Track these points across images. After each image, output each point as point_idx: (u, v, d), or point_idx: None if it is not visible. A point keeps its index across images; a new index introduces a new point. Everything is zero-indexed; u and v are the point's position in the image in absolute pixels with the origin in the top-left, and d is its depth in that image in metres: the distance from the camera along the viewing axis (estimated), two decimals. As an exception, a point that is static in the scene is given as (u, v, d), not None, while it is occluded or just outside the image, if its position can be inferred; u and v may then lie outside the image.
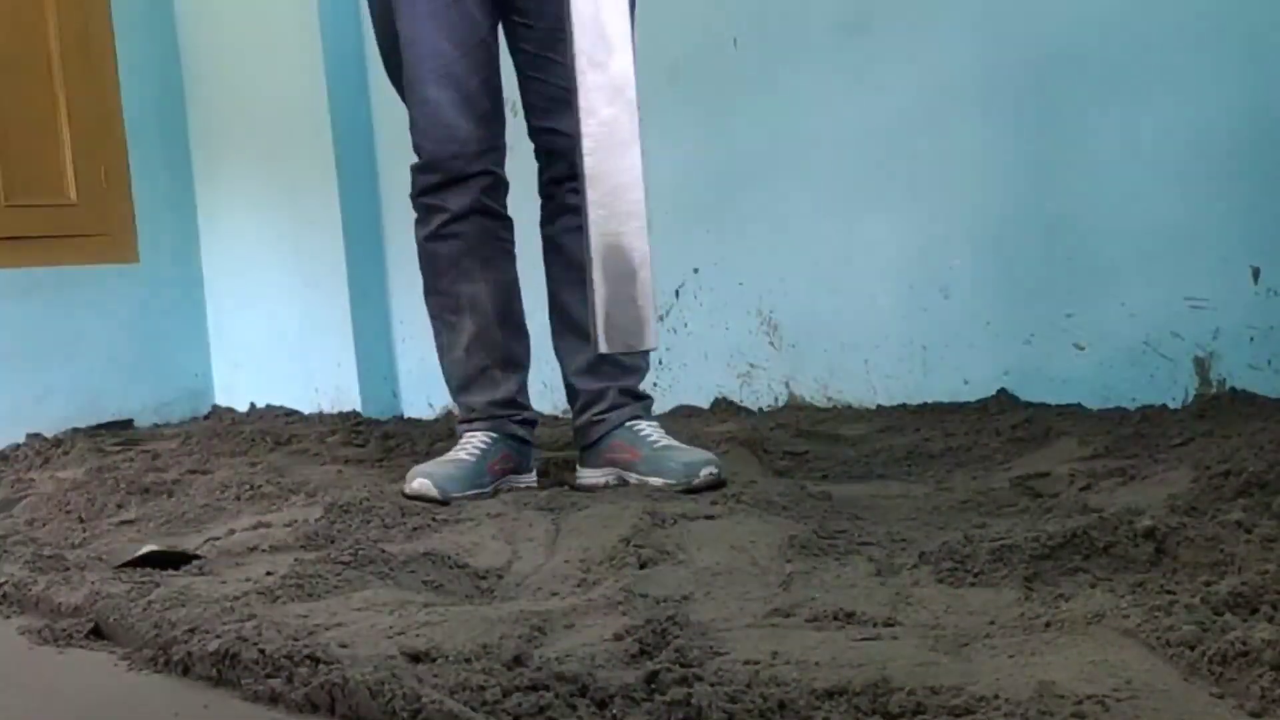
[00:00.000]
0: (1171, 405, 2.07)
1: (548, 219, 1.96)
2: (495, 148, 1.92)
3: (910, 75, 2.36)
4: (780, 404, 2.61)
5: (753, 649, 1.03)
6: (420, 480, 1.82)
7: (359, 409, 3.19)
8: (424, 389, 3.24)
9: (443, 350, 2.00)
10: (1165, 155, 2.09)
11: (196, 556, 1.52)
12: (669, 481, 1.78)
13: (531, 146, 1.96)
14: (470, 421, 1.95)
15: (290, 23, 3.25)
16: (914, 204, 2.39)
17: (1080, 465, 1.71)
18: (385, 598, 1.27)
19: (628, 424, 1.89)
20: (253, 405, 3.49)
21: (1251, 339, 2.02)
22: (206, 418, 3.50)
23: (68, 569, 1.51)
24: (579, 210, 1.99)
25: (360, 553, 1.41)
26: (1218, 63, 2.03)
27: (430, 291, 1.99)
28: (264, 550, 1.53)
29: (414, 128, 1.91)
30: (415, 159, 1.93)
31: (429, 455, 2.39)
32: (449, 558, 1.42)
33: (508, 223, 1.97)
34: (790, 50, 2.51)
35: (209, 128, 3.57)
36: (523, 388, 1.99)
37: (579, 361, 1.93)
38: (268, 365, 3.49)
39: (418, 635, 1.10)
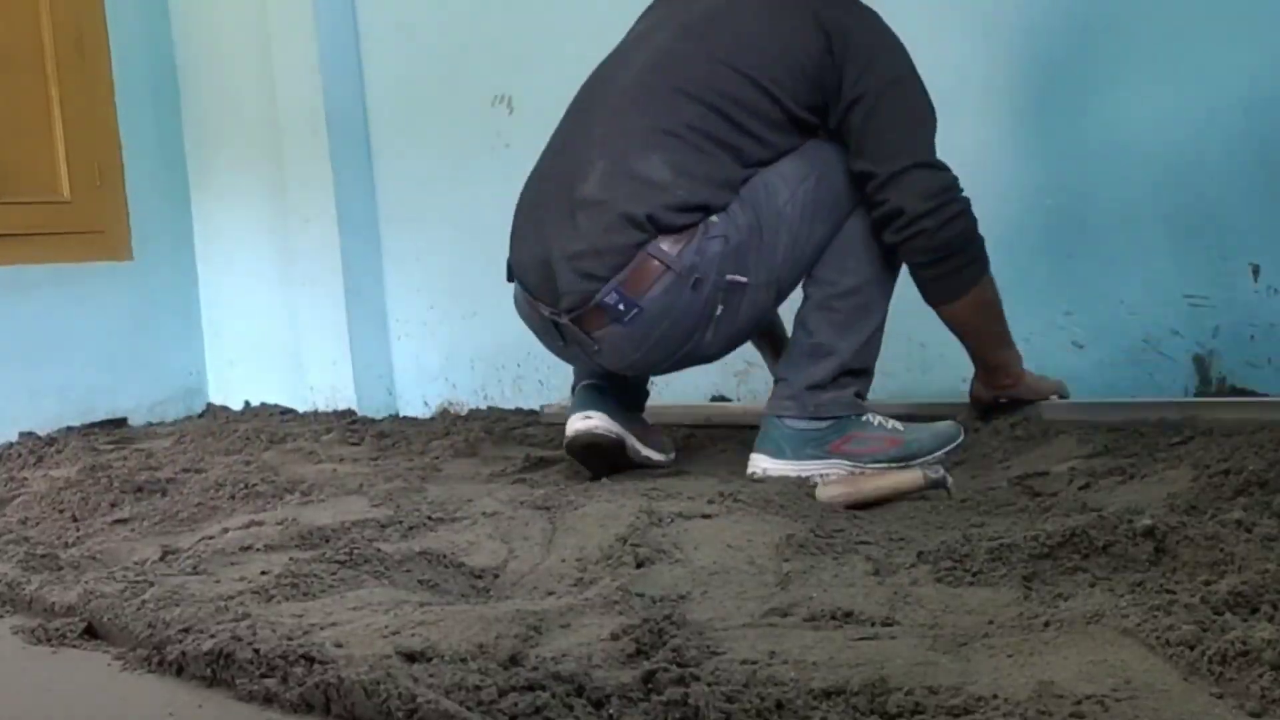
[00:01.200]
0: (1170, 403, 2.07)
1: None
2: None
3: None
4: (777, 403, 2.60)
5: (750, 648, 1.02)
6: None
7: (354, 407, 3.17)
8: (419, 387, 3.23)
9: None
10: (1164, 151, 2.09)
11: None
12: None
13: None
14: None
15: (285, 19, 3.23)
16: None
17: (1079, 464, 1.70)
18: (381, 597, 1.26)
19: None
20: (247, 403, 3.48)
21: (1252, 337, 2.02)
22: (201, 416, 3.48)
23: (61, 568, 1.50)
24: None
25: (355, 552, 1.40)
26: (1217, 57, 2.03)
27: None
28: (258, 549, 1.52)
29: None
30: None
31: (424, 453, 2.38)
32: (445, 557, 1.42)
33: None
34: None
35: (203, 124, 3.56)
36: None
37: None
38: (262, 363, 3.48)
39: (413, 635, 1.09)
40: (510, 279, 1.97)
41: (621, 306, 1.77)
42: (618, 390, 1.99)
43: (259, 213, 3.43)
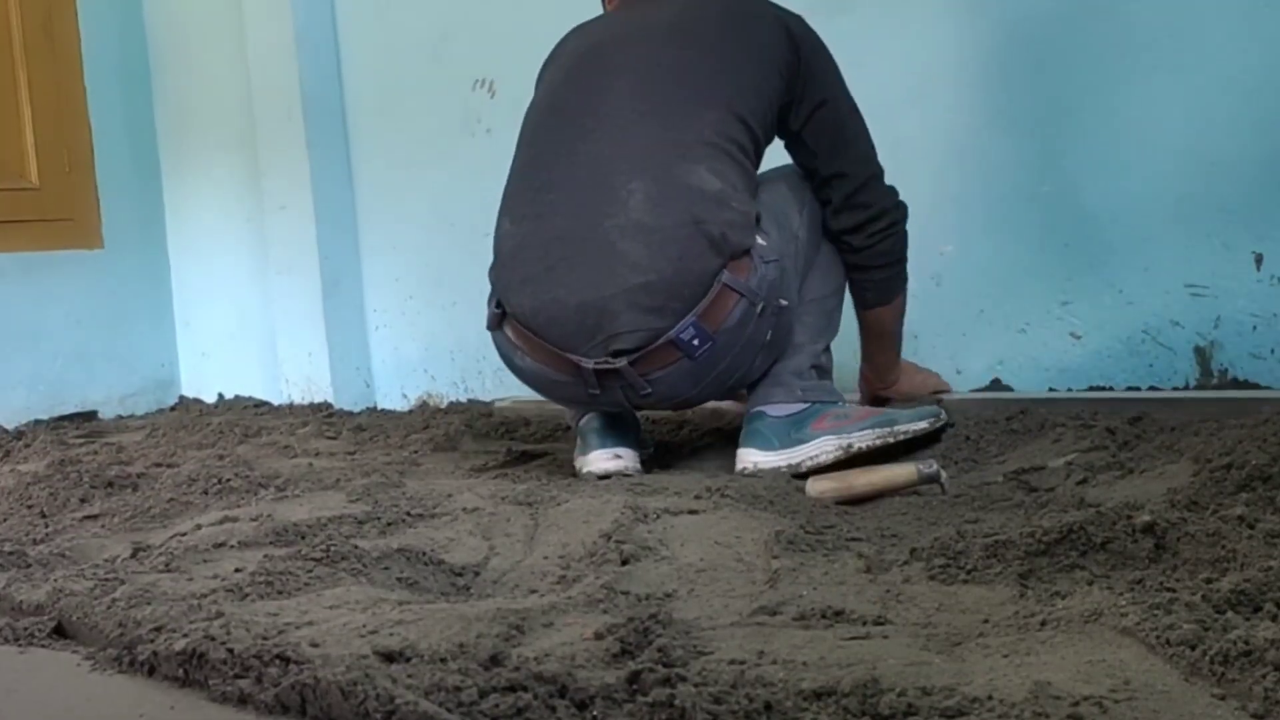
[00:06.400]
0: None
1: None
2: None
3: (895, 55, 2.33)
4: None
5: (738, 648, 1.01)
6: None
7: (331, 400, 3.15)
8: (398, 379, 3.21)
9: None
10: (1164, 138, 2.08)
11: None
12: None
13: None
14: None
15: (260, 2, 3.20)
16: (902, 189, 2.36)
17: (1077, 458, 1.70)
18: (358, 595, 1.24)
19: None
20: (221, 396, 3.46)
21: (1254, 327, 2.02)
22: (173, 409, 3.45)
23: (29, 566, 1.47)
24: None
25: (332, 549, 1.38)
26: (1217, 43, 2.02)
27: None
28: (232, 546, 1.50)
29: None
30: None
31: (403, 447, 2.36)
32: (424, 554, 1.40)
33: None
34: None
35: (175, 109, 3.52)
36: None
37: None
38: (236, 355, 3.45)
39: (391, 634, 1.07)
40: (493, 328, 1.86)
41: (696, 341, 1.72)
42: (628, 413, 1.96)
43: (233, 200, 3.40)
